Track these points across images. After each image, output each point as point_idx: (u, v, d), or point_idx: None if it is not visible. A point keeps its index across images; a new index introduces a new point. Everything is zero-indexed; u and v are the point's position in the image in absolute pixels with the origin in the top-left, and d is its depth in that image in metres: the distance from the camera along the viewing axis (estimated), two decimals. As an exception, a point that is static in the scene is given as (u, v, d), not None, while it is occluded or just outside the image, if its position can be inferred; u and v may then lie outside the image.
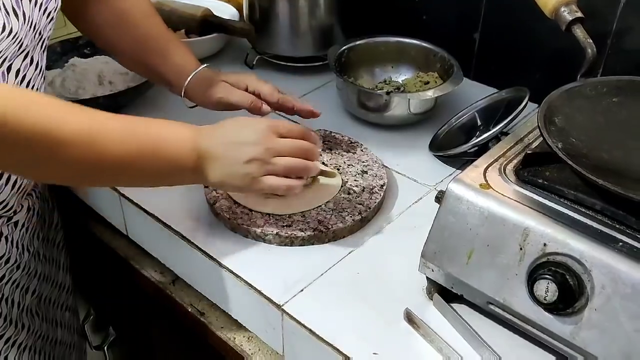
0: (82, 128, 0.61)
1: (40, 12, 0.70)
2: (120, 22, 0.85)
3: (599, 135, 0.64)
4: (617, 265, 0.54)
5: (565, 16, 0.72)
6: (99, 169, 0.63)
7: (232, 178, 0.68)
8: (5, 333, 0.83)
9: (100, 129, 0.62)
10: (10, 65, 0.68)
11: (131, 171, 0.65)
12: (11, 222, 0.80)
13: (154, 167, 0.66)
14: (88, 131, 0.61)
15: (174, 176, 0.68)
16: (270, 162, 0.68)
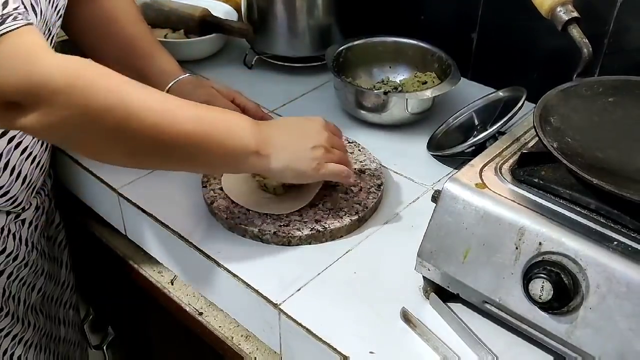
0: (154, 102, 0.62)
1: (52, 9, 0.71)
2: (107, 25, 0.85)
3: (595, 134, 0.64)
4: (611, 264, 0.54)
5: (561, 16, 0.72)
6: (169, 146, 0.63)
7: (297, 163, 0.71)
8: (13, 330, 0.84)
9: (172, 106, 0.63)
10: None
11: (199, 152, 0.66)
12: (19, 220, 0.81)
13: (221, 149, 0.67)
14: (161, 106, 0.62)
15: (238, 159, 0.68)
16: (331, 150, 0.73)
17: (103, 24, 0.85)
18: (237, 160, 0.68)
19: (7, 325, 0.84)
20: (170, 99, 0.65)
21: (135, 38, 0.86)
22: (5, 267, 0.81)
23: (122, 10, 0.86)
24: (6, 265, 0.81)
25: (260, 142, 0.68)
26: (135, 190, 0.83)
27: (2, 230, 0.79)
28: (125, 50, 0.85)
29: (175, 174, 0.83)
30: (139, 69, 0.85)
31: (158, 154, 0.65)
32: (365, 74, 1.05)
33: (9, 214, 0.79)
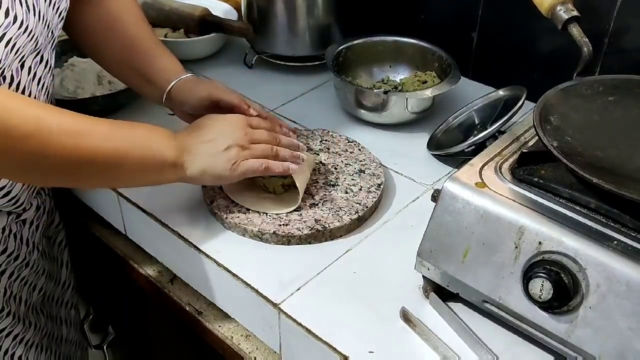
0: (69, 125, 0.63)
1: (54, 11, 0.71)
2: (110, 26, 0.85)
3: (594, 133, 0.64)
4: (611, 264, 0.54)
5: (561, 15, 0.72)
6: (85, 166, 0.65)
7: (213, 167, 0.72)
8: (14, 330, 0.84)
9: (85, 127, 0.65)
10: (24, 62, 0.69)
11: (118, 168, 0.68)
12: (20, 220, 0.81)
13: (138, 164, 0.68)
14: (75, 128, 0.63)
15: (155, 173, 0.70)
16: (248, 147, 0.73)
17: (106, 25, 0.85)
18: (155, 174, 0.71)
19: (8, 325, 0.84)
20: (84, 120, 0.65)
21: (138, 38, 0.86)
22: (7, 267, 0.81)
23: (125, 11, 0.86)
24: (7, 265, 0.81)
25: (178, 152, 0.70)
26: (134, 189, 0.83)
27: (3, 230, 0.79)
28: (128, 51, 0.85)
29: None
30: (141, 69, 0.85)
31: (74, 175, 0.67)
32: (366, 74, 1.05)
33: (10, 214, 0.79)
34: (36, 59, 0.71)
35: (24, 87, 0.71)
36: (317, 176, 0.83)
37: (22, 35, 0.66)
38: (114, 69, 0.90)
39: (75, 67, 1.03)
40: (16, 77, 0.69)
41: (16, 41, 0.65)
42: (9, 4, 0.63)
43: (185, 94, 0.82)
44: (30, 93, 0.72)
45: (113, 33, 0.85)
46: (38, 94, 0.74)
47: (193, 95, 0.82)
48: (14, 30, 0.64)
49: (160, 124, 0.72)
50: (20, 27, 0.65)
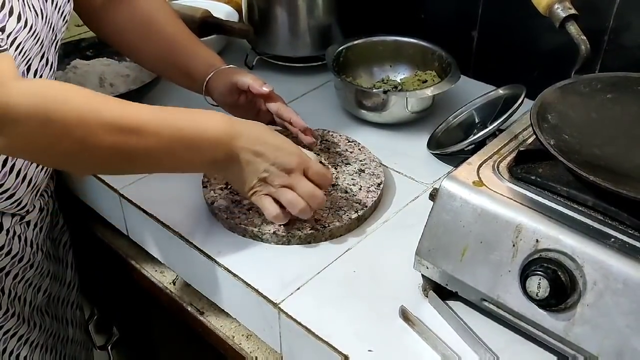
0: (114, 116, 0.62)
1: (58, 15, 0.72)
2: (146, 26, 0.87)
3: (592, 131, 0.64)
4: (609, 261, 0.54)
5: (559, 13, 0.72)
6: (128, 157, 0.65)
7: (238, 181, 0.71)
8: (19, 331, 0.85)
9: (133, 118, 0.63)
10: (30, 65, 0.70)
11: (161, 162, 0.68)
12: (24, 222, 0.81)
13: (183, 159, 0.68)
14: (120, 119, 0.62)
15: (200, 168, 0.72)
16: (277, 190, 0.71)
17: (141, 25, 0.87)
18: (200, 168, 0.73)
19: (13, 326, 0.84)
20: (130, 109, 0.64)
21: (175, 36, 0.88)
22: (11, 269, 0.82)
23: (158, 9, 0.88)
24: (12, 267, 0.82)
25: (227, 155, 0.68)
26: (136, 191, 0.84)
27: (8, 232, 0.79)
28: (166, 49, 0.87)
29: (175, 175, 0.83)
30: (181, 66, 0.87)
31: (120, 163, 0.66)
32: (366, 73, 1.05)
33: (14, 216, 0.80)
34: (42, 61, 0.72)
35: None
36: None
37: (30, 39, 0.66)
38: (153, 65, 0.93)
39: (77, 69, 1.04)
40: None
41: (24, 45, 0.66)
42: (21, 9, 0.64)
43: (216, 85, 0.85)
44: None
45: (149, 32, 0.87)
46: None
47: (219, 87, 0.85)
48: (24, 34, 0.65)
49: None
50: (30, 31, 0.66)
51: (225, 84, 0.85)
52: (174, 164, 0.69)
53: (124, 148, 0.63)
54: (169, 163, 0.69)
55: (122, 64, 1.07)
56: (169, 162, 0.69)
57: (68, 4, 0.75)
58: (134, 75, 1.04)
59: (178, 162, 0.69)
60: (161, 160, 0.67)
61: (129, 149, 0.63)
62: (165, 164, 0.69)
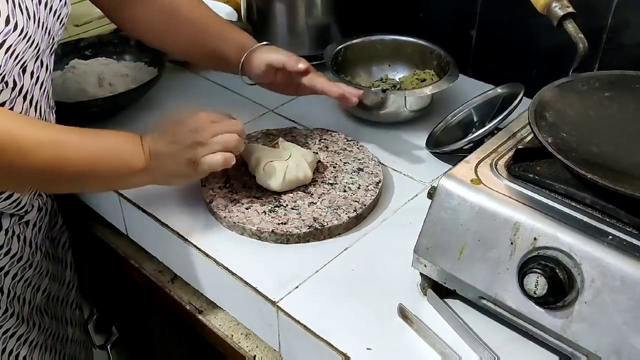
0: (44, 136, 0.66)
1: (54, 19, 0.73)
2: (172, 14, 0.88)
3: (590, 129, 0.64)
4: (606, 259, 0.54)
5: (557, 11, 0.72)
6: (61, 174, 0.68)
7: (177, 169, 0.73)
8: (18, 330, 0.85)
9: (60, 137, 0.67)
10: (26, 67, 0.70)
11: (90, 176, 0.71)
12: (22, 222, 0.81)
13: (111, 171, 0.71)
14: (49, 139, 0.66)
15: (128, 178, 0.74)
16: (208, 142, 0.73)
17: (167, 14, 0.88)
18: (128, 180, 0.74)
19: (13, 326, 0.84)
20: (57, 131, 0.68)
21: (203, 20, 0.89)
22: (10, 268, 0.82)
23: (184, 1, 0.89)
24: (11, 267, 0.82)
25: (147, 157, 0.72)
26: (135, 190, 0.83)
27: (7, 231, 0.79)
28: (196, 34, 0.88)
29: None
30: (214, 50, 0.88)
31: (47, 183, 0.72)
32: (364, 72, 1.06)
33: (12, 216, 0.80)
34: (37, 63, 0.72)
35: (27, 91, 0.72)
36: (315, 175, 0.83)
37: (22, 42, 0.67)
38: (185, 53, 0.95)
39: (76, 69, 1.03)
40: (19, 82, 0.70)
41: (16, 47, 0.66)
42: (10, 12, 0.64)
43: (251, 66, 0.87)
44: (33, 97, 0.73)
45: (176, 20, 0.88)
46: (40, 98, 0.75)
47: (254, 66, 0.86)
48: (14, 37, 0.65)
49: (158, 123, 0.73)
50: (21, 34, 0.66)
51: (260, 64, 0.86)
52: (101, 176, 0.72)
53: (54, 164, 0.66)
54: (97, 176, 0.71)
55: (121, 64, 1.07)
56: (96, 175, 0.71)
57: (65, 7, 0.75)
58: (133, 75, 1.04)
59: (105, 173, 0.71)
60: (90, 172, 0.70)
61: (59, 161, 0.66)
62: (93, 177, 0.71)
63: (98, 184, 0.75)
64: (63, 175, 0.68)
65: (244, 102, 1.00)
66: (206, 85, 1.09)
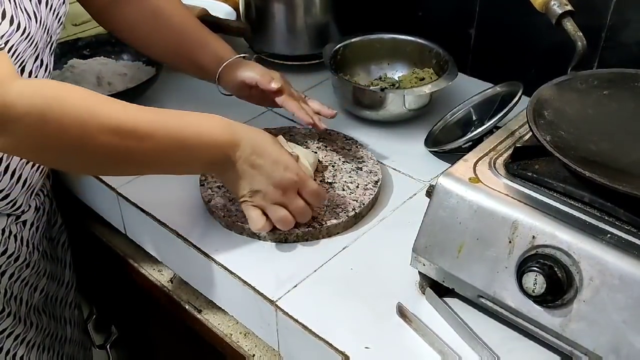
0: (112, 117, 0.62)
1: (53, 17, 0.72)
2: (155, 18, 0.88)
3: (589, 127, 0.64)
4: (605, 257, 0.54)
5: (555, 10, 0.72)
6: (125, 159, 0.65)
7: (232, 187, 0.72)
8: (15, 330, 0.85)
9: (132, 120, 0.63)
10: (24, 67, 0.70)
11: (159, 165, 0.68)
12: (20, 221, 0.81)
13: (182, 163, 0.69)
14: (117, 122, 0.62)
15: (197, 170, 0.74)
16: (268, 205, 0.71)
17: (150, 17, 0.88)
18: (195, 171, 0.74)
19: (9, 326, 0.84)
20: (130, 111, 0.64)
21: (184, 26, 0.89)
22: (7, 268, 0.82)
23: (165, 2, 0.89)
24: (7, 266, 0.82)
25: (223, 161, 0.69)
26: (134, 189, 0.84)
27: (3, 231, 0.79)
28: (176, 41, 0.88)
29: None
30: (192, 57, 0.88)
31: (116, 165, 0.67)
32: (363, 71, 1.05)
33: (9, 216, 0.80)
34: (36, 63, 0.72)
35: None
36: (314, 174, 0.83)
37: (23, 42, 0.67)
38: (164, 58, 0.94)
39: (75, 68, 1.03)
40: None
41: (17, 47, 0.66)
42: (13, 12, 0.64)
43: (227, 80, 0.87)
44: None
45: (159, 24, 0.88)
46: None
47: (231, 80, 0.87)
48: (16, 37, 0.65)
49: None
50: (23, 34, 0.66)
51: (235, 79, 0.86)
52: (170, 167, 0.70)
53: (120, 150, 0.63)
54: (166, 166, 0.69)
55: (120, 63, 1.07)
56: (166, 165, 0.69)
57: (63, 5, 0.75)
58: (131, 74, 1.04)
59: (175, 165, 0.69)
60: (157, 163, 0.68)
61: (126, 151, 0.64)
62: (161, 166, 0.69)
63: (166, 170, 0.72)
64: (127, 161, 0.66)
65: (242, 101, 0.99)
66: (204, 85, 1.08)
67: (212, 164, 0.70)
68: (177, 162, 0.68)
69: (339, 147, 0.89)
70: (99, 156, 0.64)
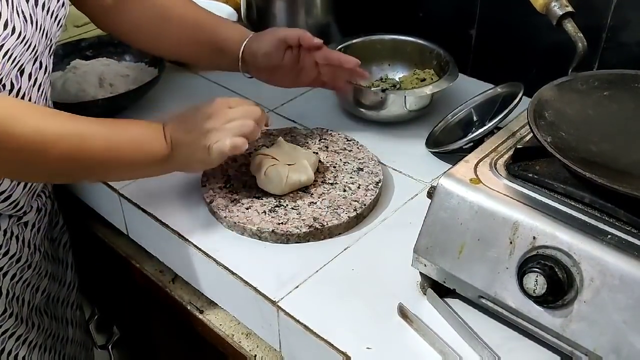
0: (67, 127, 0.66)
1: (52, 20, 0.73)
2: (163, 15, 0.88)
3: (589, 128, 0.64)
4: (605, 258, 0.54)
5: (556, 11, 0.72)
6: (83, 165, 0.69)
7: (194, 155, 0.74)
8: (17, 331, 0.85)
9: (83, 128, 0.68)
10: (23, 69, 0.70)
11: (114, 166, 0.71)
12: (21, 222, 0.82)
13: (134, 161, 0.72)
14: (72, 131, 0.67)
15: (150, 167, 0.74)
16: (221, 128, 0.73)
17: (158, 15, 0.88)
18: (147, 169, 0.74)
19: (11, 326, 0.85)
20: (82, 123, 0.68)
21: (196, 17, 0.89)
22: (9, 269, 0.82)
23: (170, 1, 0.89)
24: (9, 267, 0.82)
25: (165, 146, 0.72)
26: (135, 190, 0.84)
27: (5, 232, 0.80)
28: (192, 30, 0.88)
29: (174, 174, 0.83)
30: (211, 42, 0.88)
31: (69, 175, 0.74)
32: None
33: (11, 217, 0.80)
34: (35, 65, 0.73)
35: (24, 94, 0.72)
36: (315, 175, 0.83)
37: (20, 45, 0.67)
38: (179, 52, 0.94)
39: (77, 69, 1.04)
40: (16, 84, 0.70)
41: (14, 51, 0.66)
42: (8, 16, 0.64)
43: (257, 47, 0.86)
44: (30, 99, 0.73)
45: (168, 20, 0.88)
46: (38, 99, 0.75)
47: (264, 45, 0.85)
48: (12, 41, 0.65)
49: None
50: (18, 38, 0.66)
51: (272, 42, 0.85)
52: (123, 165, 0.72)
53: (75, 154, 0.67)
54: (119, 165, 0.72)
55: (122, 64, 1.07)
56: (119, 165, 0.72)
57: (63, 8, 0.75)
58: (133, 75, 1.04)
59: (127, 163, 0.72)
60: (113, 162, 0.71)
61: (80, 154, 0.67)
62: (116, 167, 0.72)
63: (120, 173, 0.76)
64: (85, 166, 0.69)
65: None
66: (206, 85, 1.09)
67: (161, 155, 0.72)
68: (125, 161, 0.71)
69: (340, 148, 0.89)
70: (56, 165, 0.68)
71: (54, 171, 0.70)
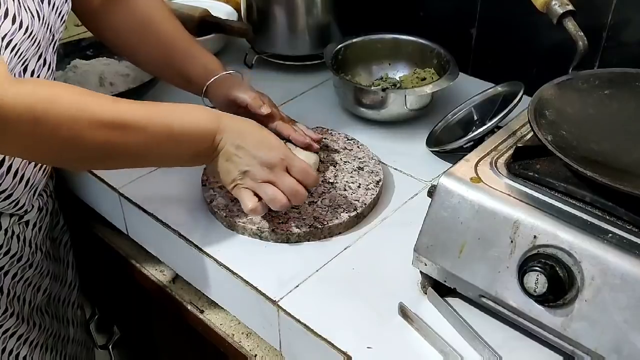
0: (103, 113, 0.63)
1: (56, 15, 0.73)
2: (143, 26, 0.87)
3: (590, 127, 0.64)
4: (606, 257, 0.54)
5: (556, 9, 0.72)
6: (118, 153, 0.66)
7: (221, 174, 0.73)
8: (18, 330, 0.85)
9: (122, 114, 0.65)
10: (27, 66, 0.70)
11: (150, 156, 0.70)
12: (22, 222, 0.82)
13: (172, 154, 0.70)
14: (107, 116, 0.64)
15: (188, 162, 0.73)
16: (258, 185, 0.71)
17: (139, 25, 0.87)
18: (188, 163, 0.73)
19: (12, 326, 0.85)
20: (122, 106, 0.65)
21: (173, 38, 0.88)
22: (10, 268, 0.82)
23: (156, 10, 0.88)
24: (10, 266, 0.82)
25: (213, 150, 0.71)
26: (135, 189, 0.84)
27: (6, 231, 0.80)
28: (164, 51, 0.87)
29: (174, 173, 0.83)
30: (180, 69, 0.87)
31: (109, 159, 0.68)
32: (364, 72, 1.06)
33: (12, 216, 0.80)
34: (39, 62, 0.73)
35: None
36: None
37: (26, 40, 0.67)
38: (150, 67, 0.93)
39: (77, 69, 1.04)
40: None
41: (20, 46, 0.66)
42: (16, 11, 0.64)
43: (215, 94, 0.86)
44: None
45: (147, 33, 0.87)
46: None
47: (218, 95, 0.85)
48: (19, 36, 0.65)
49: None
50: (25, 32, 0.66)
51: (225, 96, 0.85)
52: (160, 158, 0.72)
53: (113, 144, 0.65)
54: (156, 157, 0.71)
55: (122, 64, 1.07)
56: (156, 157, 0.71)
57: (66, 3, 0.75)
58: (133, 75, 1.04)
59: (164, 156, 0.71)
60: (148, 155, 0.69)
61: (118, 145, 0.65)
62: (151, 158, 0.71)
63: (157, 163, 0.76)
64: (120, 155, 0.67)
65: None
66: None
67: (199, 154, 0.71)
68: (166, 154, 0.70)
69: (340, 147, 0.89)
70: (91, 151, 0.65)
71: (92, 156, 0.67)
